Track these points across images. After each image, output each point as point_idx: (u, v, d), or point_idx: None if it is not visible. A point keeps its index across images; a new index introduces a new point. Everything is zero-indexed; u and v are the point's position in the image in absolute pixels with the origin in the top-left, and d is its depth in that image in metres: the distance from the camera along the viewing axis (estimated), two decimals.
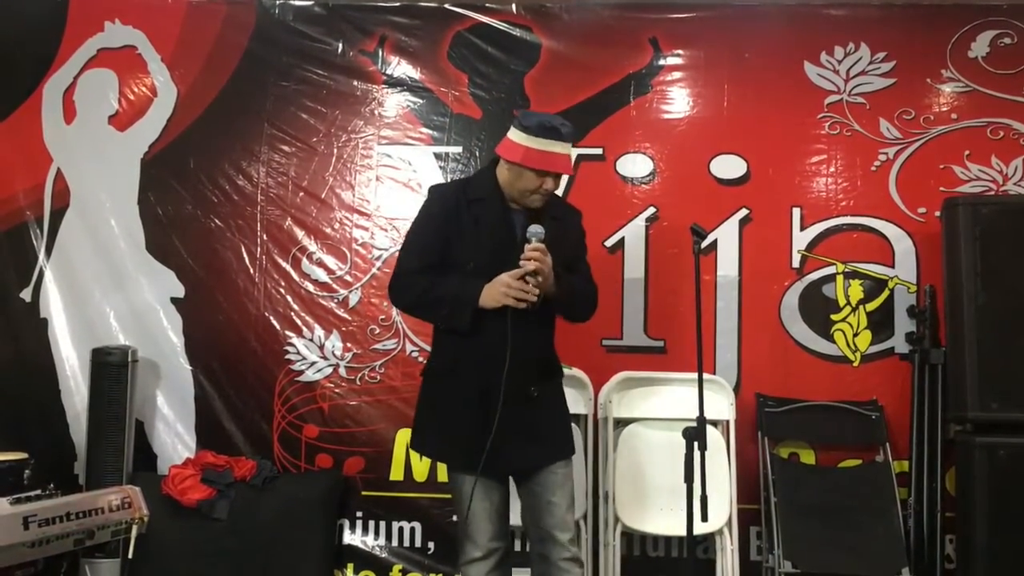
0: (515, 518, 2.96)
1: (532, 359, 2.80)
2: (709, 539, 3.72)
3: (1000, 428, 3.42)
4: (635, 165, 3.99)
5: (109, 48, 4.17)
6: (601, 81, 4.01)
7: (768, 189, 3.93)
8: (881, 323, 3.86)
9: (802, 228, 3.91)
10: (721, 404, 3.71)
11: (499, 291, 2.71)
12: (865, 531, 3.57)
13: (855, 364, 3.86)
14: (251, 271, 4.08)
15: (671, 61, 4.02)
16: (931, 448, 3.67)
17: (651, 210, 3.96)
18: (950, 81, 3.91)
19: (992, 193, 3.81)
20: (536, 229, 2.72)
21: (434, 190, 3.01)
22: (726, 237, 3.93)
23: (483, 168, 3.03)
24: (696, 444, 2.79)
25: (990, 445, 3.39)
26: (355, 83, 4.11)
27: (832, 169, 3.93)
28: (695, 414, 3.66)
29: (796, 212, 3.92)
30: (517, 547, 3.83)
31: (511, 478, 2.91)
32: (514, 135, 2.81)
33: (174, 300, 4.08)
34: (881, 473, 3.69)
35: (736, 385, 3.85)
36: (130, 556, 2.97)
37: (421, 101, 4.09)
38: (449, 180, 4.04)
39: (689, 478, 2.77)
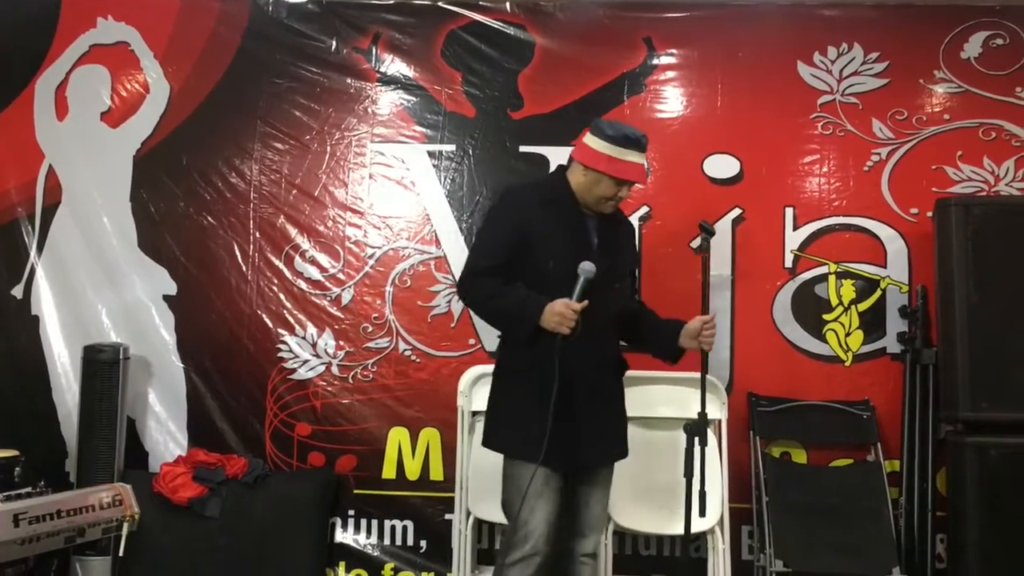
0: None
1: (608, 357, 2.93)
2: (701, 538, 3.72)
3: (991, 428, 3.43)
4: None
5: (102, 44, 4.16)
6: (595, 80, 4.01)
7: (761, 189, 3.94)
8: (873, 323, 3.87)
9: (795, 228, 3.92)
10: (713, 403, 3.69)
11: (553, 320, 2.72)
12: (856, 530, 3.58)
13: (847, 364, 3.87)
14: (244, 269, 4.08)
15: (665, 60, 4.03)
16: (922, 448, 3.68)
17: (644, 209, 3.97)
18: (943, 82, 3.92)
19: (984, 194, 3.82)
20: (587, 267, 2.73)
21: (509, 193, 3.04)
22: (719, 237, 3.91)
23: (554, 172, 3.10)
24: (697, 440, 2.81)
25: (981, 445, 3.40)
26: (349, 81, 4.10)
27: (825, 169, 3.93)
28: (688, 413, 3.69)
29: (789, 212, 3.93)
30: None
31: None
32: (594, 143, 2.85)
33: (166, 297, 4.07)
34: (872, 473, 3.70)
35: (729, 384, 3.85)
36: (121, 554, 2.94)
37: (415, 99, 4.09)
38: (443, 178, 4.04)
39: (689, 472, 2.79)
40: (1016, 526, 3.32)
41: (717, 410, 3.70)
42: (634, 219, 3.94)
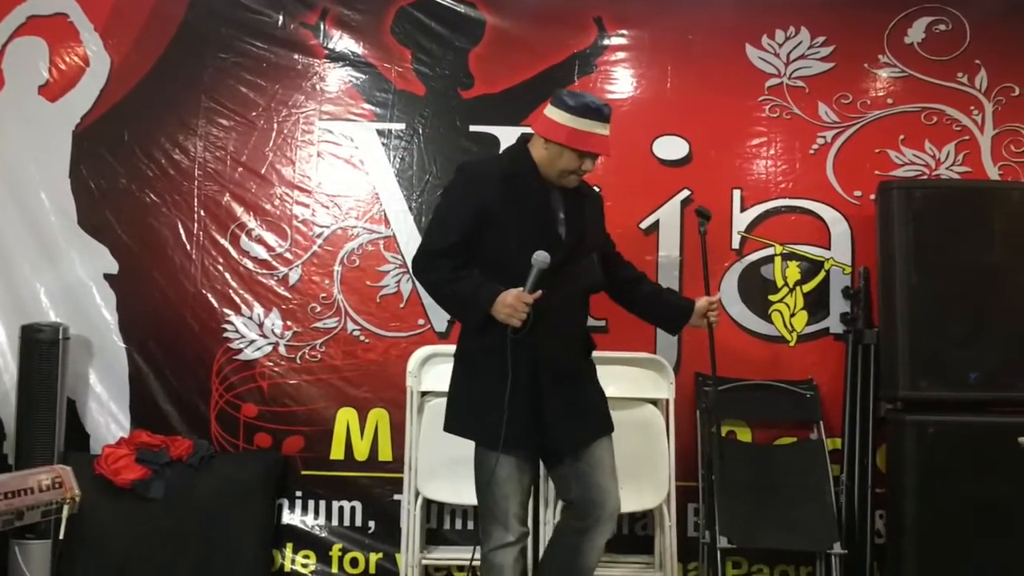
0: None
1: (575, 335, 2.88)
2: (648, 516, 3.77)
3: (930, 406, 3.52)
4: None
5: (39, 15, 4.02)
6: (545, 60, 4.00)
7: (709, 171, 3.97)
8: (817, 304, 3.94)
9: (742, 210, 3.96)
10: (661, 383, 3.75)
11: (504, 312, 2.69)
12: (799, 507, 3.65)
13: (791, 344, 3.93)
14: (188, 247, 4.00)
15: (615, 41, 4.03)
16: (863, 426, 3.76)
17: (595, 190, 3.97)
18: (887, 66, 3.98)
19: (925, 177, 3.90)
20: (541, 257, 2.67)
21: (468, 166, 2.97)
22: (668, 218, 3.96)
23: (514, 145, 3.01)
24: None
25: (920, 423, 3.48)
26: (296, 57, 4.03)
27: (772, 152, 3.98)
28: (640, 393, 3.74)
29: (736, 194, 3.97)
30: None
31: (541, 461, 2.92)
32: (555, 114, 2.78)
33: (107, 276, 3.98)
34: (815, 451, 3.77)
35: (676, 364, 3.89)
36: (61, 537, 2.89)
37: (364, 76, 4.04)
38: (392, 157, 4.00)
39: None
40: (952, 501, 3.41)
41: (665, 390, 3.74)
42: None
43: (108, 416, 3.96)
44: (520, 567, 2.85)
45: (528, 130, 3.04)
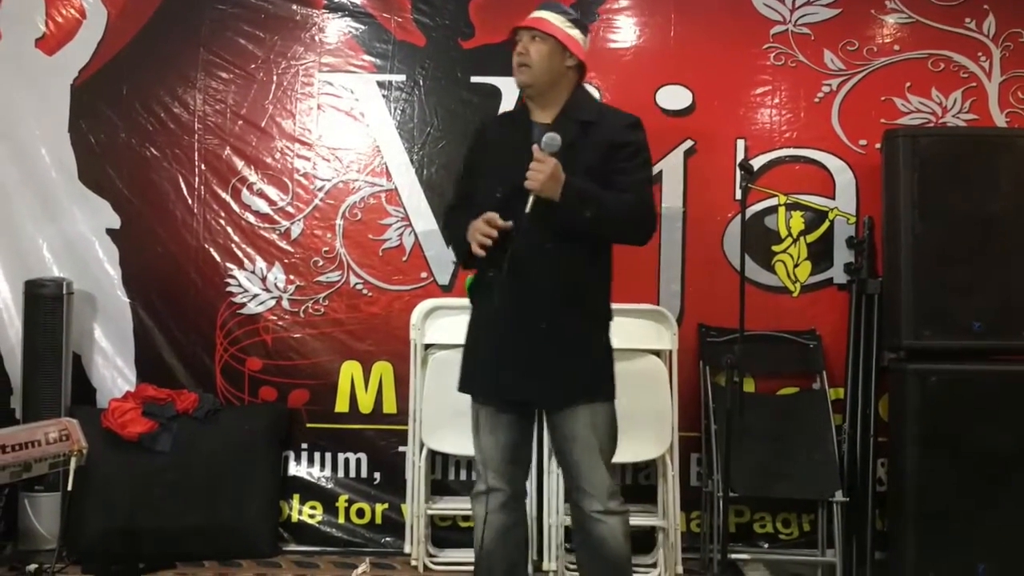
0: None
1: (546, 288, 2.58)
2: (651, 466, 3.80)
3: (932, 355, 3.51)
4: None
5: None
6: None
7: (713, 120, 3.93)
8: (821, 254, 3.92)
9: (746, 159, 3.92)
10: (664, 334, 3.76)
11: (471, 236, 2.58)
12: (801, 456, 3.67)
13: (795, 295, 3.93)
14: (189, 202, 3.99)
15: None
16: (866, 375, 3.76)
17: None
18: (893, 12, 3.91)
19: (931, 125, 3.85)
20: (550, 138, 2.49)
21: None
22: (671, 169, 3.93)
23: None
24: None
25: (922, 372, 3.48)
26: (295, 7, 3.98)
27: (776, 100, 3.93)
28: (641, 345, 3.74)
29: (740, 144, 3.93)
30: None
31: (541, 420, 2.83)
32: None
33: (109, 231, 3.98)
34: (817, 400, 3.78)
35: (679, 316, 3.89)
36: (69, 488, 2.92)
37: (363, 27, 3.99)
38: (393, 109, 3.98)
39: None
40: (953, 449, 3.42)
41: (668, 341, 3.75)
42: None
43: (114, 370, 3.98)
44: (501, 522, 2.71)
45: None
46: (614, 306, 3.72)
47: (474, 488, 2.77)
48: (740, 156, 3.89)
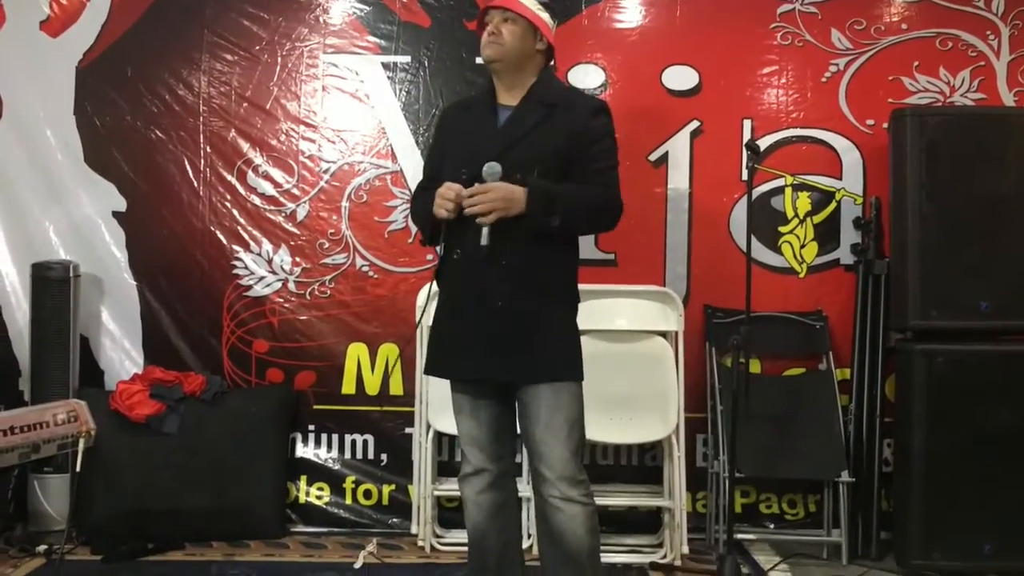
0: None
1: (505, 268, 2.54)
2: (657, 447, 3.81)
3: (939, 336, 3.50)
4: (587, 76, 3.93)
5: None
6: None
7: (720, 101, 3.91)
8: (827, 235, 3.91)
9: (753, 140, 3.91)
10: (670, 315, 3.76)
11: (435, 204, 2.56)
12: (807, 436, 3.68)
13: (801, 275, 3.92)
14: (195, 184, 3.99)
15: None
16: (872, 356, 3.76)
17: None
18: None
19: (939, 104, 3.83)
20: (490, 167, 2.50)
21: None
22: (677, 149, 3.92)
23: None
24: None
25: (929, 352, 3.47)
26: None
27: (783, 80, 3.91)
28: (644, 326, 3.75)
29: (747, 124, 3.91)
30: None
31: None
32: None
33: (116, 214, 3.98)
34: (824, 381, 3.78)
35: (685, 297, 3.88)
36: (78, 469, 2.94)
37: (368, 8, 3.97)
38: (398, 90, 3.97)
39: None
40: (959, 430, 3.42)
41: (674, 322, 3.75)
42: None
43: (121, 353, 4.00)
44: (491, 502, 2.71)
45: None
46: (621, 287, 3.79)
47: (460, 470, 2.77)
48: (747, 136, 3.88)
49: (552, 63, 2.79)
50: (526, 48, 2.67)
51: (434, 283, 2.76)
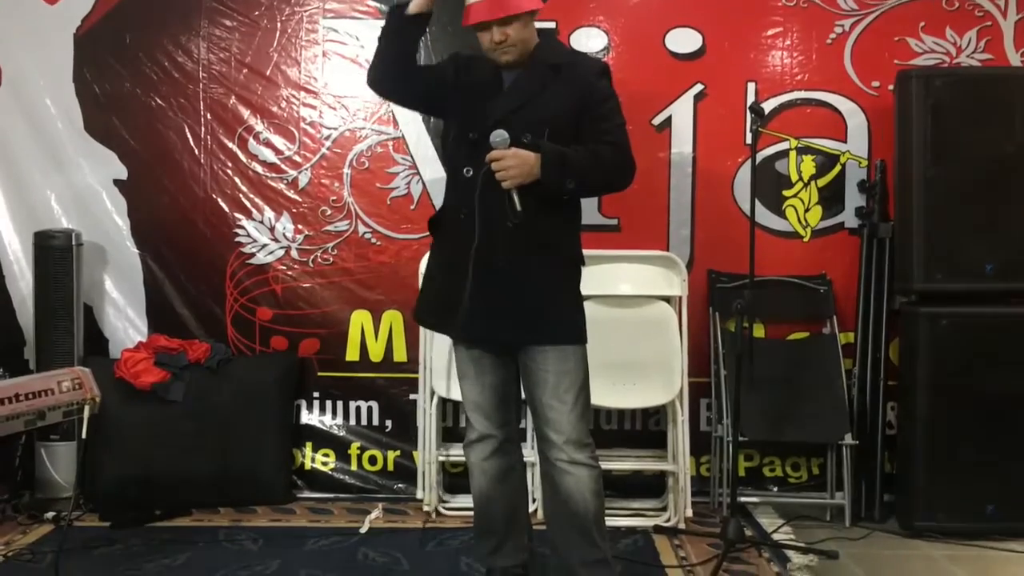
0: None
1: (510, 231, 2.52)
2: (661, 411, 3.81)
3: (944, 299, 3.49)
4: (589, 39, 3.89)
5: None
6: None
7: (723, 63, 3.87)
8: (832, 198, 3.89)
9: (757, 103, 3.87)
10: (674, 280, 3.75)
11: None
12: (811, 400, 3.68)
13: (805, 239, 3.90)
14: (196, 152, 3.97)
15: None
16: (876, 319, 3.75)
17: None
18: None
19: (946, 66, 3.79)
20: (497, 134, 2.49)
21: None
22: (680, 113, 3.88)
23: None
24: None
25: (934, 315, 3.47)
26: None
27: (787, 42, 3.87)
28: (648, 291, 3.74)
29: (751, 87, 3.87)
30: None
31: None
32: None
33: (117, 182, 3.97)
34: (828, 344, 3.78)
35: (689, 262, 3.87)
36: (83, 436, 2.94)
37: None
38: None
39: None
40: (962, 392, 3.42)
41: (678, 287, 3.74)
42: None
43: (125, 321, 4.00)
44: (496, 468, 2.71)
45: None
46: (624, 252, 3.78)
47: (466, 437, 2.77)
48: (751, 99, 3.84)
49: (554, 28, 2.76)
50: (530, 31, 2.67)
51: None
